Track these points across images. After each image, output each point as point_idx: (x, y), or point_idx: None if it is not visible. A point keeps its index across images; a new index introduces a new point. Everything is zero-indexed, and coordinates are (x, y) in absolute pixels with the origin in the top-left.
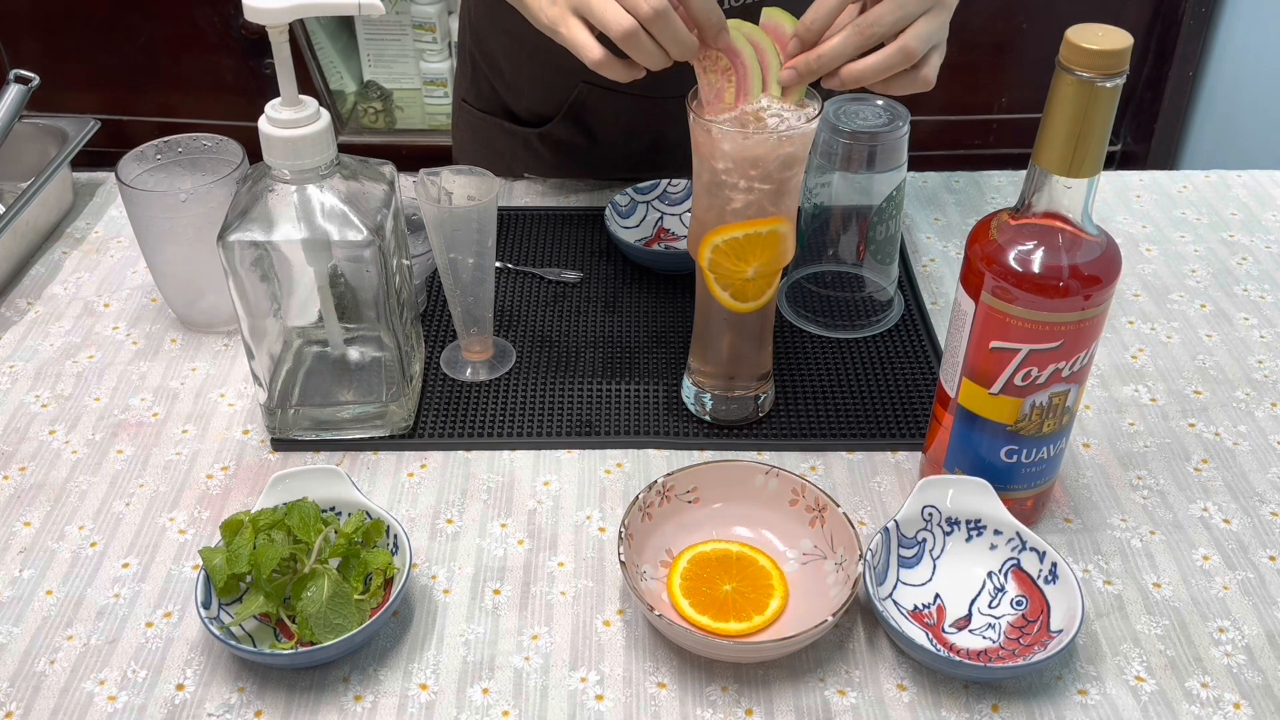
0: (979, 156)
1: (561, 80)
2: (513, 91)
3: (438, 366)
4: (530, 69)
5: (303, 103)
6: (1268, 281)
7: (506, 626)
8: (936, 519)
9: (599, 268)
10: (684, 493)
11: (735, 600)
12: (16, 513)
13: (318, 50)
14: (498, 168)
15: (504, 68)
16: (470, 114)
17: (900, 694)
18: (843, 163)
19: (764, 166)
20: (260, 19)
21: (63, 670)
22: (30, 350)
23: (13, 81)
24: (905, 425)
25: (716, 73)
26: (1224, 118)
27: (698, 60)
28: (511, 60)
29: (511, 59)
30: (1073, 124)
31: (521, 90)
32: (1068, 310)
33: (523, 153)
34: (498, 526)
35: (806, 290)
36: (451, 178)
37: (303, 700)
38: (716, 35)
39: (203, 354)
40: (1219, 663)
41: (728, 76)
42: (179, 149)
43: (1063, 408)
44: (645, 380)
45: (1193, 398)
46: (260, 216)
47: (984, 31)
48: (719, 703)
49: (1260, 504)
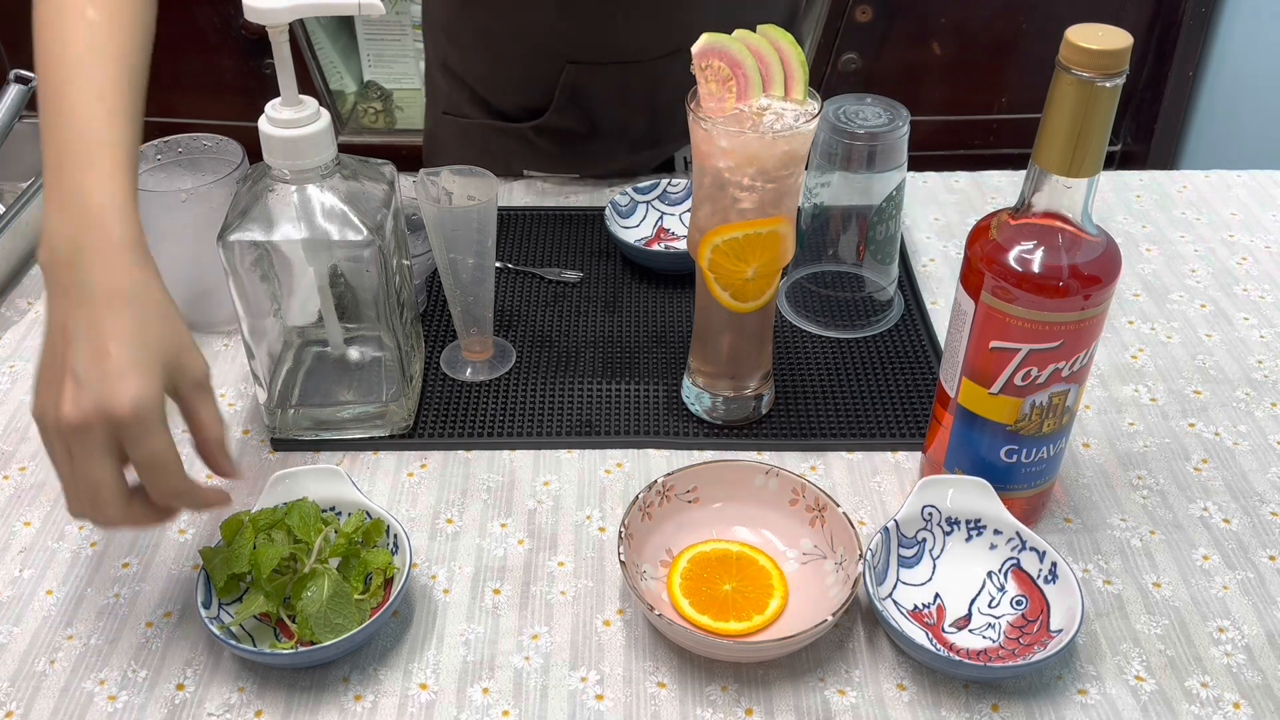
0: (979, 156)
1: (547, 65)
2: (497, 90)
3: (438, 366)
4: (512, 61)
5: (303, 103)
6: (1268, 281)
7: (506, 626)
8: (936, 519)
9: (599, 268)
10: (684, 493)
11: (735, 600)
12: (16, 513)
13: (318, 50)
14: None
15: (484, 69)
16: (456, 124)
17: (900, 694)
18: (843, 163)
19: (764, 166)
20: (260, 19)
21: (63, 670)
22: (30, 350)
23: (13, 81)
24: (905, 425)
25: (717, 82)
26: (1224, 118)
27: (699, 69)
28: (491, 56)
29: (491, 56)
30: (1073, 124)
31: (507, 86)
32: (1068, 310)
33: (520, 149)
34: (498, 526)
35: (806, 290)
36: (451, 178)
37: (303, 700)
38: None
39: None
40: (1219, 662)
41: (728, 87)
42: (179, 149)
43: (1063, 408)
44: (645, 380)
45: (1193, 398)
46: (260, 216)
47: (984, 31)
48: (719, 702)
49: (1260, 504)
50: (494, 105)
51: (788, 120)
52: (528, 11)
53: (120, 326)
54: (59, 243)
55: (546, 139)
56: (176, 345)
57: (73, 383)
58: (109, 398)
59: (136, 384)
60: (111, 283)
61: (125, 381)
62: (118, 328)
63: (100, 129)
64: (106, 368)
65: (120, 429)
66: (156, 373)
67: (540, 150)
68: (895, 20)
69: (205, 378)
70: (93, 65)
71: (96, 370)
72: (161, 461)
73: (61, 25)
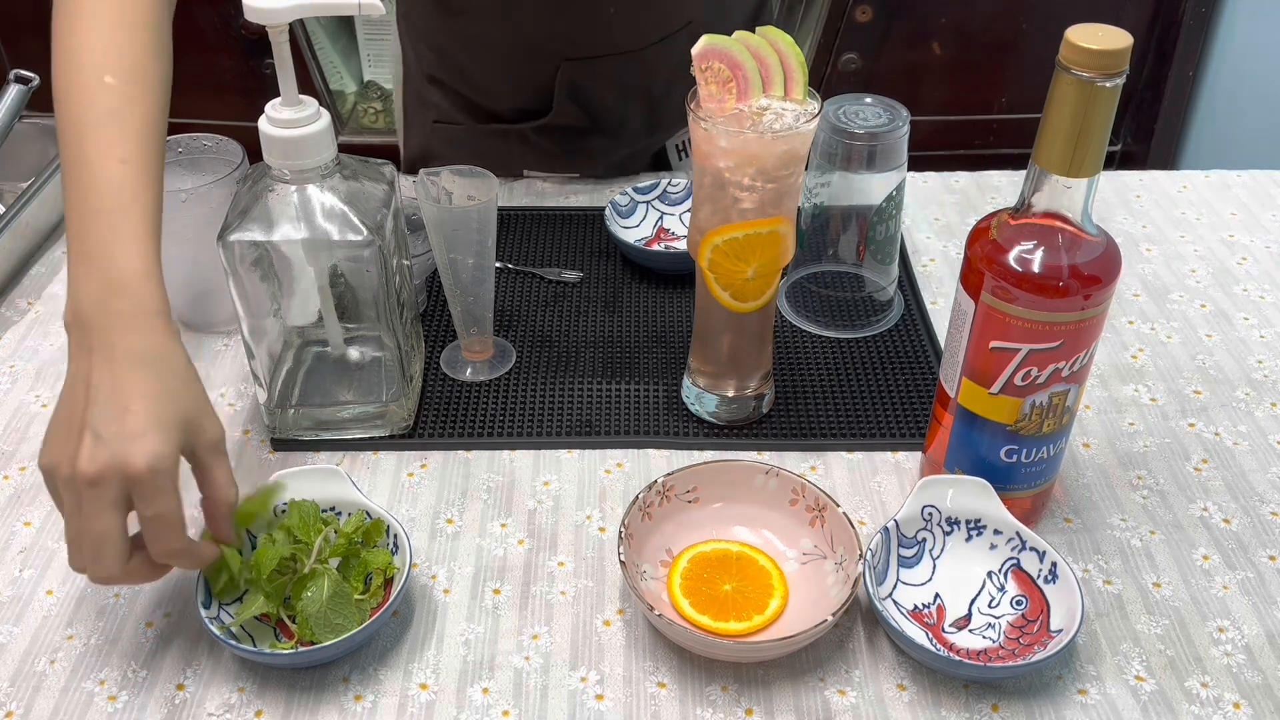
0: (979, 156)
1: (542, 65)
2: (493, 96)
3: (438, 366)
4: (506, 65)
5: (303, 103)
6: (1268, 281)
7: (506, 626)
8: (936, 519)
9: (599, 268)
10: (684, 493)
11: (735, 600)
12: (16, 513)
13: (318, 50)
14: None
15: (478, 77)
16: (451, 131)
17: (900, 694)
18: (843, 163)
19: (764, 166)
20: (260, 19)
21: (63, 670)
22: (30, 350)
23: (13, 81)
24: (905, 425)
25: (717, 84)
26: (1224, 118)
27: (699, 70)
28: (484, 64)
29: (484, 63)
30: (1073, 124)
31: (503, 90)
32: (1067, 310)
33: (520, 150)
34: (498, 526)
35: (806, 290)
36: (451, 178)
37: (303, 700)
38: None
39: (203, 354)
40: (1219, 662)
41: (728, 88)
42: (179, 149)
43: (1063, 407)
44: (645, 380)
45: (1193, 398)
46: (260, 216)
47: (984, 31)
48: (719, 702)
49: (1260, 504)
50: (490, 110)
51: (787, 120)
52: (518, 13)
53: (144, 387)
54: (86, 306)
55: (547, 138)
56: (196, 409)
57: (91, 437)
58: (126, 455)
59: (155, 443)
60: (138, 346)
61: (144, 440)
62: (141, 388)
63: (124, 194)
64: (127, 425)
65: (134, 485)
66: (174, 434)
67: (540, 149)
68: (895, 20)
69: (221, 441)
70: (114, 130)
71: (117, 426)
72: (169, 521)
73: (81, 89)
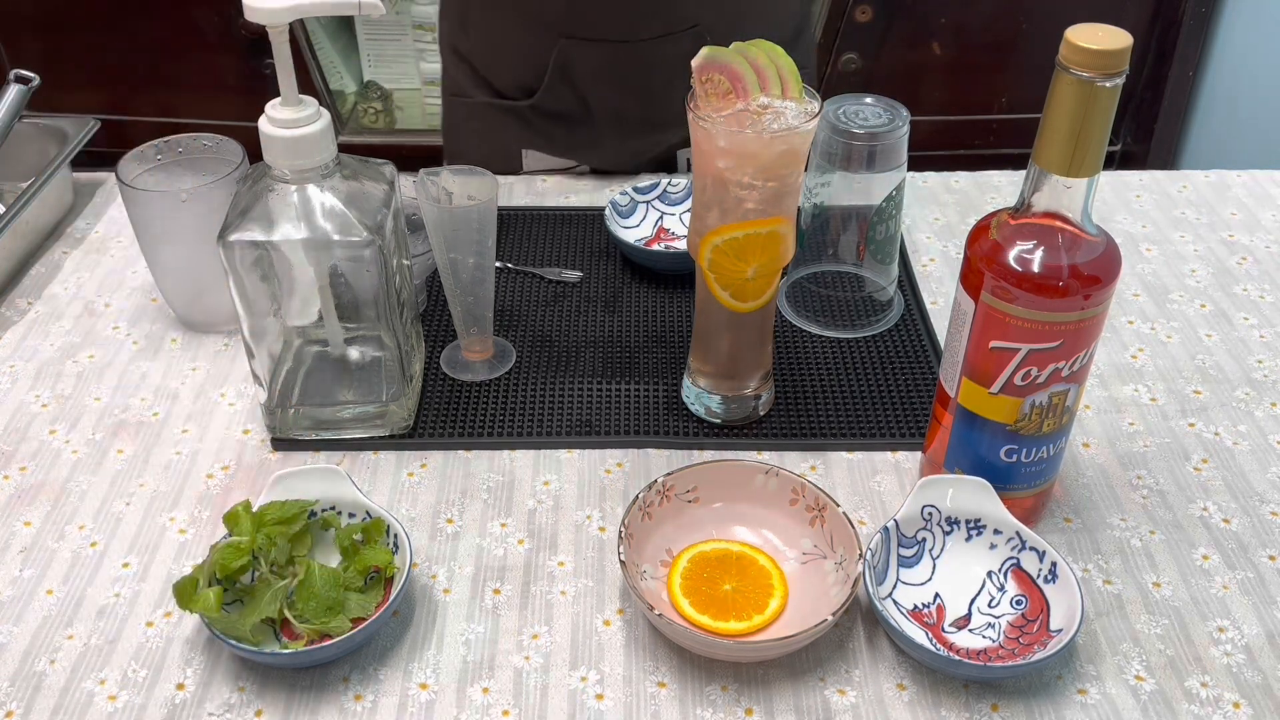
0: (979, 156)
1: (542, 39)
2: (496, 67)
3: (438, 366)
4: (509, 34)
5: (303, 103)
6: (1268, 281)
7: (506, 626)
8: (936, 518)
9: (599, 268)
10: (684, 492)
11: (735, 600)
12: (16, 513)
13: (318, 50)
14: (495, 148)
15: (485, 46)
16: (463, 105)
17: (900, 693)
18: (843, 163)
19: (763, 165)
20: (260, 19)
21: (63, 670)
22: (30, 350)
23: (13, 81)
24: (905, 425)
25: (717, 96)
26: (1224, 118)
27: (699, 83)
28: (493, 31)
29: (492, 30)
30: (1072, 124)
31: (505, 62)
32: (1067, 310)
33: (520, 128)
34: (498, 526)
35: (806, 290)
36: (451, 178)
37: (303, 700)
38: None
39: (203, 354)
40: (1219, 662)
41: (729, 100)
42: (179, 149)
43: (1062, 407)
44: (645, 380)
45: (1192, 397)
46: (260, 216)
47: (984, 31)
48: (719, 702)
49: (1260, 504)
50: (493, 84)
51: (787, 120)
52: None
53: None
54: None
55: (542, 119)
56: None
57: None
58: None
59: None
60: None
61: None
62: None
63: None
64: None
65: None
66: None
67: (539, 130)
68: (895, 20)
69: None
70: None
71: None
72: None
73: None
